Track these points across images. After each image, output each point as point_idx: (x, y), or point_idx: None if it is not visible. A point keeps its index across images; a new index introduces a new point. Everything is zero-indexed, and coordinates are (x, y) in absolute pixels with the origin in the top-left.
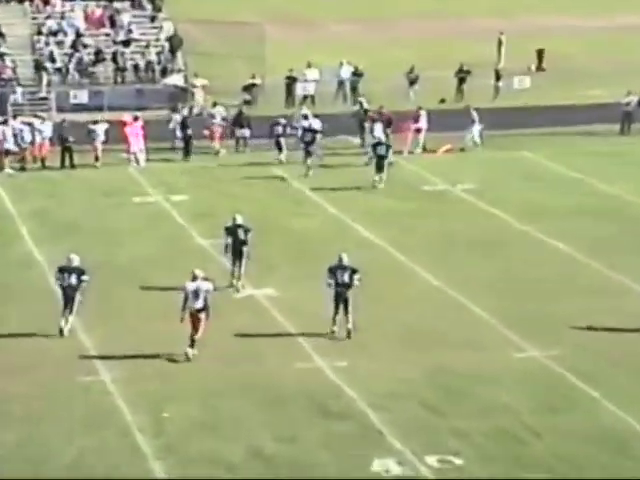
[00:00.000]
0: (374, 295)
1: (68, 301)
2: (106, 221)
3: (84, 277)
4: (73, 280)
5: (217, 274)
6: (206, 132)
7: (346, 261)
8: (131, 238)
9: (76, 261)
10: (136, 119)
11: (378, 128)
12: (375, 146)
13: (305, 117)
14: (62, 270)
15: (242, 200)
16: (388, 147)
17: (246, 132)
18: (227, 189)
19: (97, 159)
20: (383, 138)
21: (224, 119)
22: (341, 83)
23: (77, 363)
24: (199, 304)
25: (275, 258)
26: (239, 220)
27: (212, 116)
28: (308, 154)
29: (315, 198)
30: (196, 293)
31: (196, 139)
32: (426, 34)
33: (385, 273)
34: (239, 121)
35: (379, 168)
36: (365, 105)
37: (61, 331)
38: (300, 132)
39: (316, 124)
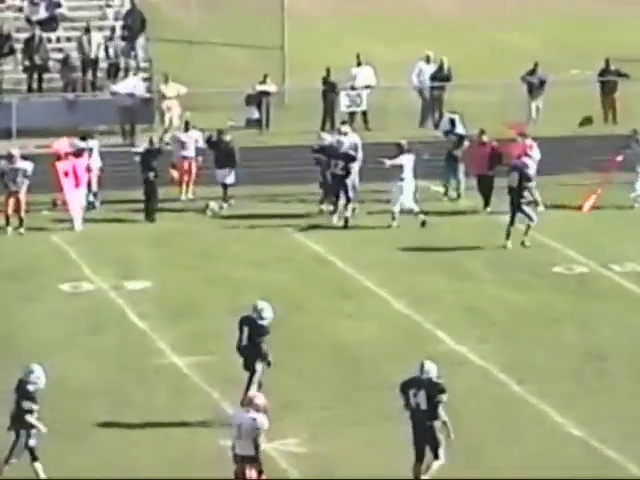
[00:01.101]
0: (475, 445)
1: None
2: (14, 324)
3: (24, 404)
4: (15, 407)
5: (203, 413)
6: (174, 173)
7: (429, 373)
8: (58, 353)
9: (34, 379)
10: (78, 154)
11: (407, 164)
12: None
13: (340, 133)
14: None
15: (247, 288)
16: (523, 173)
17: (226, 175)
18: (220, 269)
19: (21, 223)
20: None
21: (199, 152)
22: (420, 93)
23: None
24: (244, 449)
25: (300, 389)
26: (259, 311)
27: (182, 145)
28: (336, 195)
29: (371, 285)
30: (239, 430)
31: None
32: (559, 9)
33: (492, 412)
34: (215, 153)
35: (515, 211)
36: (459, 127)
37: None
38: (323, 157)
39: (350, 142)
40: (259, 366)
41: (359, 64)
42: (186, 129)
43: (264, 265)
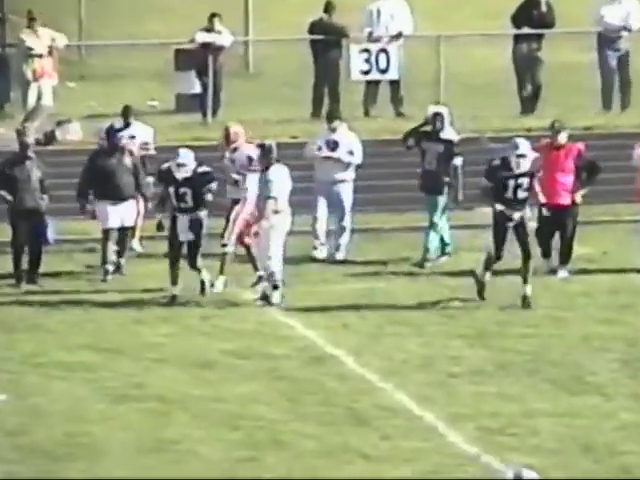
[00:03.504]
0: None
1: None
2: None
3: None
4: None
5: None
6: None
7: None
8: None
9: None
10: None
11: (283, 184)
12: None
13: (333, 130)
14: None
15: (180, 407)
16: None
17: (123, 214)
18: (133, 373)
19: None
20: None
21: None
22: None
23: None
24: None
25: None
26: None
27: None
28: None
29: (406, 400)
30: None
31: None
32: None
33: None
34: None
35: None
36: (447, 128)
37: None
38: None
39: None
40: None
41: None
42: (126, 122)
43: (212, 365)
